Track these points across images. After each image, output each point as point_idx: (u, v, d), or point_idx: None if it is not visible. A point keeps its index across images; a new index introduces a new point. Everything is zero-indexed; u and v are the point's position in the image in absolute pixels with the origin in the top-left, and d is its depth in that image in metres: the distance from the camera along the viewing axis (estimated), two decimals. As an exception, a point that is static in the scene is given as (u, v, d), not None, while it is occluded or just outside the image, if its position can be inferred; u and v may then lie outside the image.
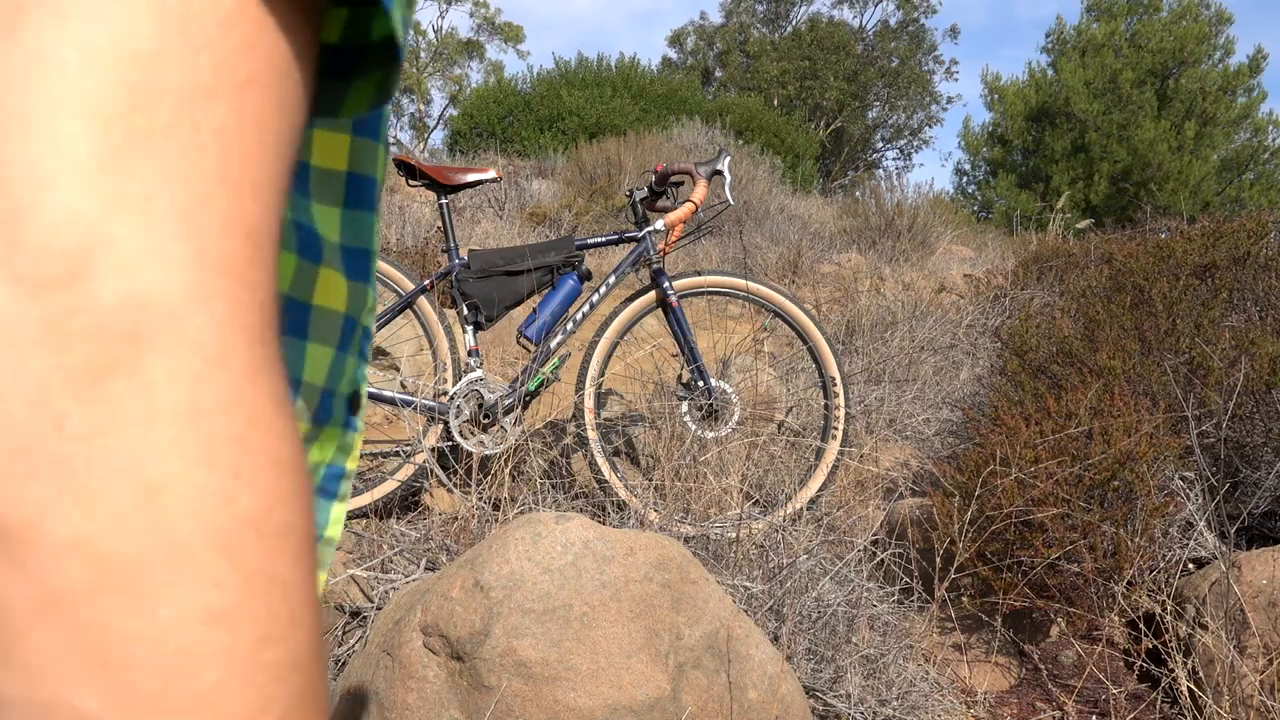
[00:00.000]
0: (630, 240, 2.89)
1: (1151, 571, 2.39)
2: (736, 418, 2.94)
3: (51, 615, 0.21)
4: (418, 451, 2.73)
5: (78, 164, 0.22)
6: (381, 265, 2.83)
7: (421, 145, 23.86)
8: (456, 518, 2.29)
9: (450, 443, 2.76)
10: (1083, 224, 8.67)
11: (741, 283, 2.92)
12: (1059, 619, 2.43)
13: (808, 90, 20.56)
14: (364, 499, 2.71)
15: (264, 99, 0.25)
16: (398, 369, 3.89)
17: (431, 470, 2.63)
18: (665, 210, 2.93)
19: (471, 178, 2.79)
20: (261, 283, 0.25)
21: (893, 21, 22.59)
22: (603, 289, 2.87)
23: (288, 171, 0.26)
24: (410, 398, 2.77)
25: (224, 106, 0.24)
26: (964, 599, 2.44)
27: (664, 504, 2.57)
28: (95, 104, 0.22)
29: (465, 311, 2.75)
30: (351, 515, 2.71)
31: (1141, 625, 2.43)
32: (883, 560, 2.48)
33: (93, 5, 0.22)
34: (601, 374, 2.84)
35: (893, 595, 2.36)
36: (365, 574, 2.12)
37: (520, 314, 4.39)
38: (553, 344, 2.78)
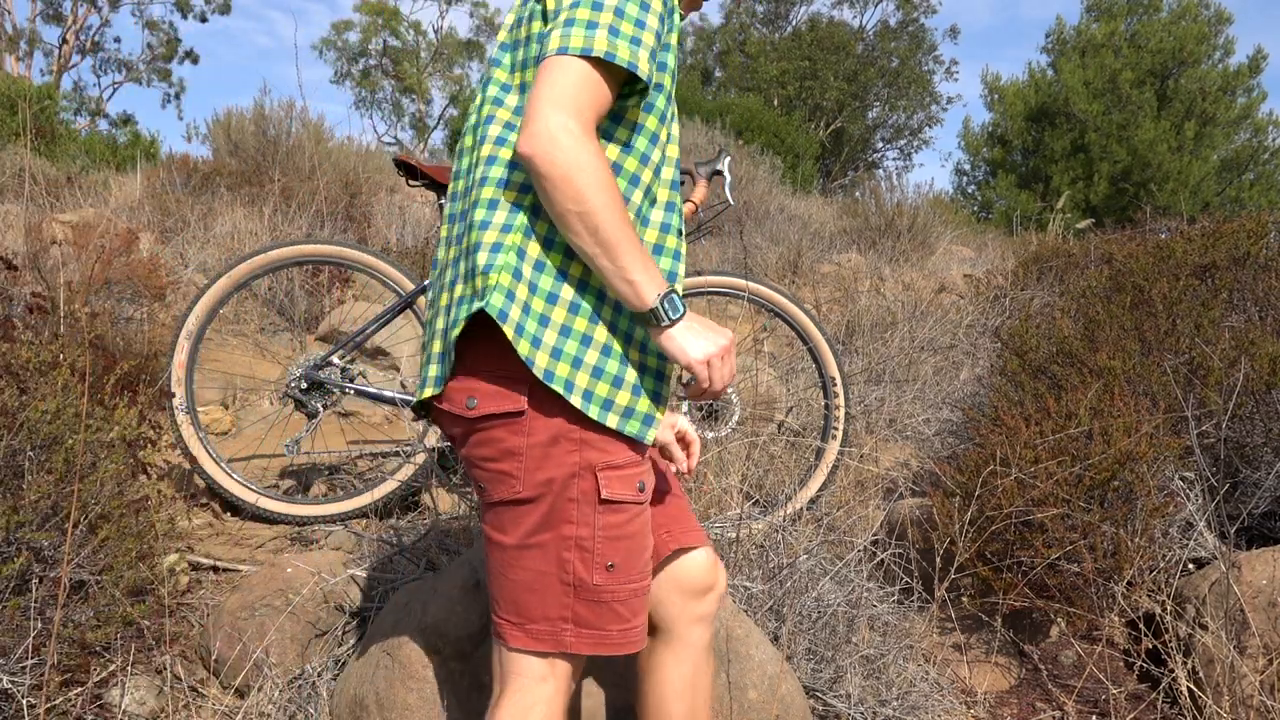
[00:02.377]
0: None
1: (1151, 571, 2.39)
2: (736, 418, 2.94)
3: (564, 201, 1.18)
4: (418, 451, 2.73)
5: (560, 100, 1.18)
6: (381, 265, 2.83)
7: (422, 145, 23.86)
8: (456, 517, 2.29)
9: (450, 443, 2.75)
10: (1083, 224, 8.66)
11: (741, 283, 2.92)
12: (1059, 619, 2.43)
13: (808, 90, 20.57)
14: (364, 499, 2.71)
15: (596, 97, 1.21)
16: (398, 369, 3.89)
17: (432, 470, 2.63)
18: (665, 210, 2.92)
19: (471, 178, 2.78)
20: (591, 126, 1.19)
21: (893, 21, 22.59)
22: (603, 289, 2.86)
23: (600, 111, 1.22)
24: (410, 398, 2.77)
25: (589, 112, 1.20)
26: (964, 599, 2.44)
27: (664, 504, 2.57)
28: (560, 99, 1.18)
29: (465, 311, 2.75)
30: (351, 515, 2.71)
31: (1141, 625, 2.43)
32: (883, 560, 2.48)
33: (564, 84, 1.18)
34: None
35: (893, 595, 2.36)
36: (365, 574, 2.12)
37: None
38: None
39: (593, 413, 1.25)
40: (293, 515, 2.73)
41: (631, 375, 1.29)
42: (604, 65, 1.21)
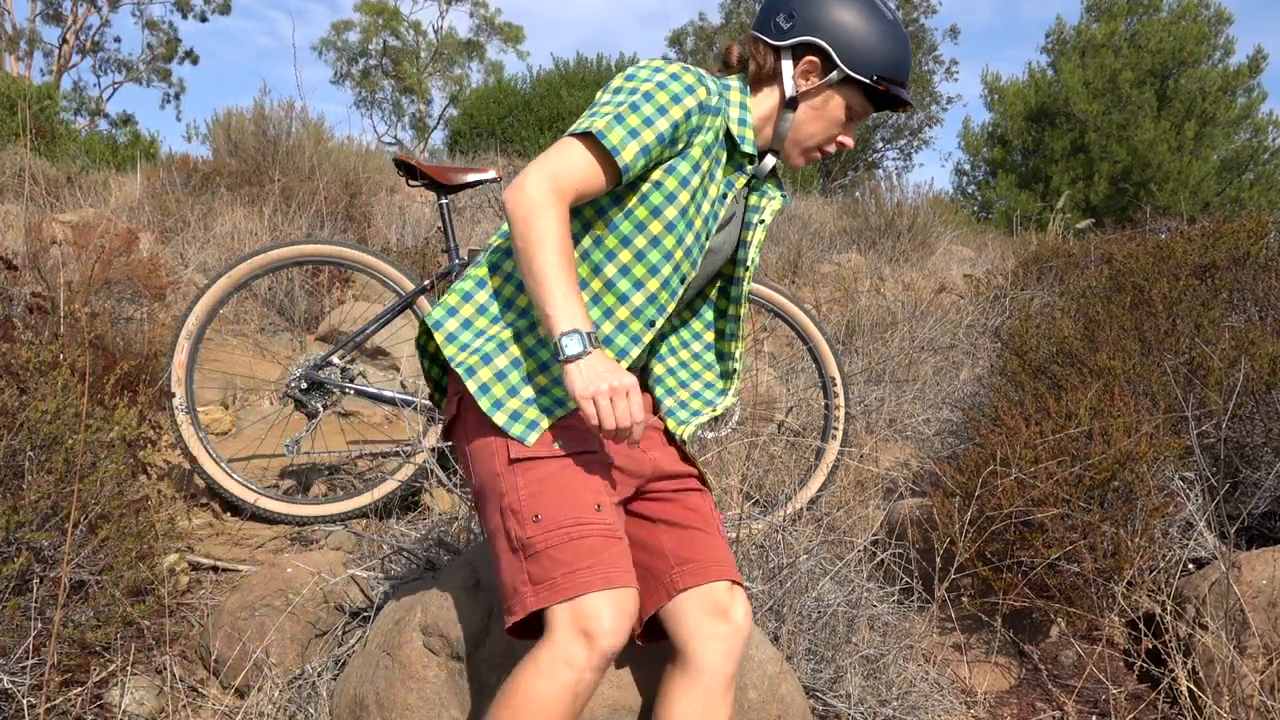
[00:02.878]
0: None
1: (1151, 571, 2.39)
2: (736, 418, 2.94)
3: (515, 238, 1.39)
4: (418, 451, 2.73)
5: (545, 167, 1.40)
6: (381, 265, 2.83)
7: (422, 145, 23.84)
8: (456, 518, 2.29)
9: (450, 442, 2.75)
10: (1083, 224, 8.65)
11: (741, 283, 2.92)
12: (1059, 619, 2.43)
13: (808, 90, 20.50)
14: (364, 499, 2.71)
15: (582, 174, 1.42)
16: (398, 369, 3.89)
17: (431, 470, 2.63)
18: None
19: (471, 178, 2.79)
20: (566, 195, 1.40)
21: (893, 21, 22.57)
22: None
23: (580, 187, 1.42)
24: (410, 398, 2.77)
25: (569, 180, 1.41)
26: (964, 599, 2.44)
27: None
28: (545, 167, 1.40)
29: (465, 311, 2.75)
30: (351, 515, 2.71)
31: (1141, 625, 2.43)
32: (883, 560, 2.48)
33: (558, 165, 1.40)
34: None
35: (893, 595, 2.36)
36: (365, 574, 2.12)
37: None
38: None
39: (484, 405, 1.46)
40: (293, 515, 2.73)
41: (528, 391, 1.47)
42: (601, 151, 1.42)
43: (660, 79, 1.46)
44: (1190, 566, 2.47)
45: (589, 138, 1.42)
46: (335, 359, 2.78)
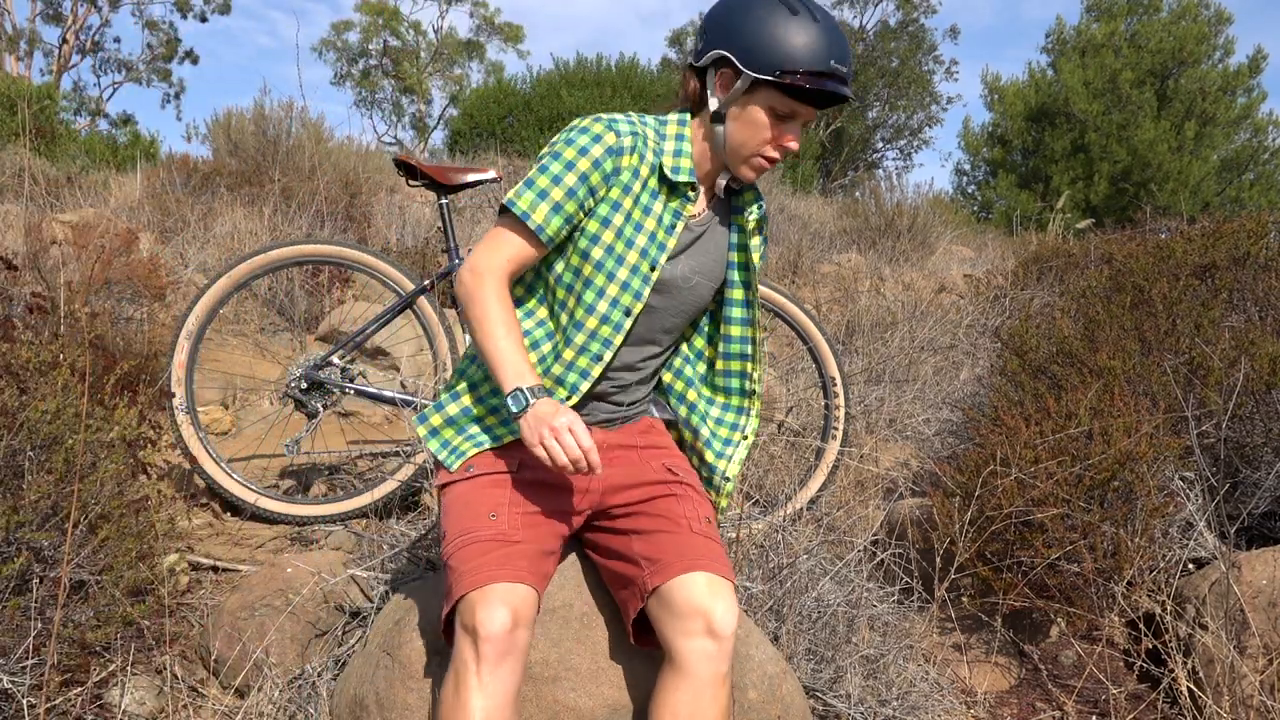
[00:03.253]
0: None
1: (1151, 571, 2.39)
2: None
3: (467, 306, 1.56)
4: (418, 451, 2.73)
5: (477, 252, 1.57)
6: (381, 265, 2.83)
7: (422, 145, 23.84)
8: (456, 518, 2.29)
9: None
10: (1083, 224, 8.65)
11: (741, 283, 2.92)
12: (1059, 619, 2.42)
13: (808, 90, 20.47)
14: (364, 499, 2.71)
15: (511, 248, 1.57)
16: (398, 369, 3.89)
17: (431, 470, 2.63)
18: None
19: (472, 178, 2.79)
20: (498, 272, 1.55)
21: (893, 21, 22.57)
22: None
23: (514, 258, 1.57)
24: (410, 398, 2.77)
25: (499, 257, 1.58)
26: (964, 599, 2.44)
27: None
28: (477, 253, 1.58)
29: (465, 311, 2.75)
30: (351, 515, 2.71)
31: (1141, 625, 2.42)
32: (883, 560, 2.48)
33: (488, 247, 1.56)
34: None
35: (893, 595, 2.36)
36: (365, 574, 2.12)
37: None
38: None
39: (432, 446, 1.66)
40: (293, 515, 2.73)
41: (473, 429, 1.64)
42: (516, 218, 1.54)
43: (570, 135, 1.55)
44: (1190, 566, 2.47)
45: (507, 210, 1.55)
46: (335, 359, 2.78)
